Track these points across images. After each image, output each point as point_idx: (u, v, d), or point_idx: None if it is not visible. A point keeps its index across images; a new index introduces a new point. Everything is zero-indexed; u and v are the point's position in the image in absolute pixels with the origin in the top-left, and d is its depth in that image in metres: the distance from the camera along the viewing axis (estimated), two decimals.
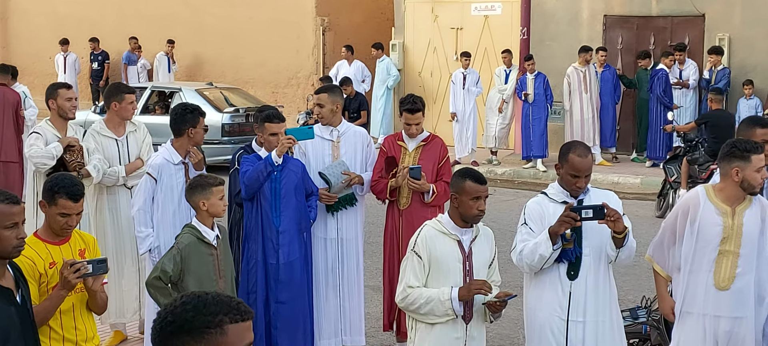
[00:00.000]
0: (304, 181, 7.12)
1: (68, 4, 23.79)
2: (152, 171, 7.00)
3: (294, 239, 7.00)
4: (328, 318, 7.50)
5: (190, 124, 7.05)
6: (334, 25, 21.57)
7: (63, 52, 22.70)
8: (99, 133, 7.79)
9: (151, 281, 5.99)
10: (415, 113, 7.43)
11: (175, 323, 2.61)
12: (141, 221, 7.01)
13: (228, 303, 2.63)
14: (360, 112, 17.55)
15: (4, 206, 4.14)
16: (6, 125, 12.89)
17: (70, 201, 4.90)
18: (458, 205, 5.26)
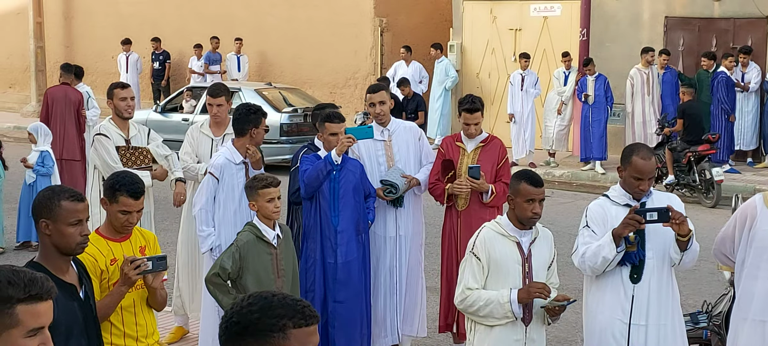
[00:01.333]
0: (363, 182, 7.13)
1: (131, 5, 24.11)
2: (214, 171, 7.07)
3: (352, 239, 7.03)
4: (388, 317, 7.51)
5: (253, 124, 7.13)
6: (392, 26, 21.59)
7: (125, 52, 23.02)
8: (199, 131, 7.96)
9: (210, 277, 6.05)
10: (474, 113, 7.41)
11: (239, 324, 2.60)
12: (203, 220, 7.07)
13: (293, 306, 2.61)
14: (417, 112, 17.54)
15: (69, 203, 4.19)
16: (68, 124, 13.12)
17: (131, 199, 4.95)
18: (514, 206, 5.24)
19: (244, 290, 5.98)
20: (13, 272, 2.86)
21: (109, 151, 7.82)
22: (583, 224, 5.48)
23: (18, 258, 10.95)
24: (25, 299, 2.83)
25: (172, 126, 17.61)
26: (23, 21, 24.91)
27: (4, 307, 2.81)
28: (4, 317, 2.81)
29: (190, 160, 7.94)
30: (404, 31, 21.45)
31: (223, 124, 8.00)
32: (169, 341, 8.07)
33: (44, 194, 4.25)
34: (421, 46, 20.61)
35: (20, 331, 2.81)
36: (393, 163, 7.50)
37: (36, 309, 2.85)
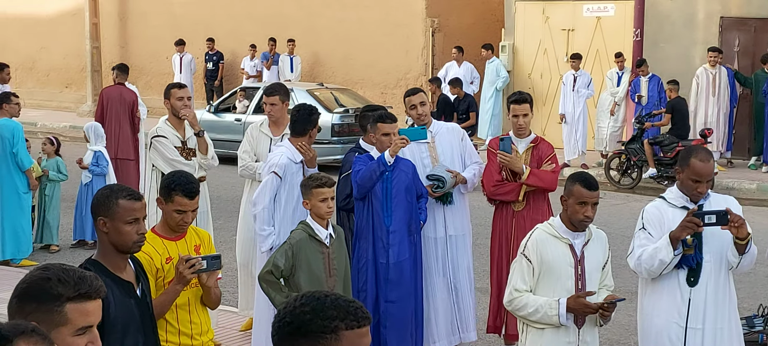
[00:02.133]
0: (415, 182, 7.14)
1: (184, 6, 24.35)
2: (278, 170, 7.12)
3: (404, 239, 7.04)
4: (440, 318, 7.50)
5: (313, 125, 7.19)
6: (443, 26, 21.57)
7: (179, 53, 23.26)
8: (259, 130, 8.04)
9: (262, 275, 6.10)
10: (522, 104, 7.37)
11: (292, 324, 2.60)
12: (264, 220, 7.11)
13: (346, 308, 2.60)
14: (469, 113, 17.50)
15: (126, 202, 4.24)
16: (123, 123, 13.30)
17: (186, 198, 4.99)
18: (566, 207, 5.21)
19: (297, 288, 6.02)
20: (63, 270, 2.90)
21: (169, 149, 7.91)
22: (639, 226, 5.43)
23: (73, 256, 11.12)
24: (75, 297, 2.86)
25: (225, 126, 17.77)
26: (79, 22, 25.28)
27: (54, 305, 2.85)
28: (54, 315, 2.84)
29: (248, 158, 8.01)
30: (456, 32, 21.42)
31: (280, 124, 8.04)
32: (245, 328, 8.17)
33: (102, 193, 4.31)
34: (472, 46, 20.56)
35: (69, 329, 2.84)
36: (438, 163, 7.49)
37: (85, 308, 2.88)
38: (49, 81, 26.31)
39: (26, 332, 2.45)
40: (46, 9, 26.15)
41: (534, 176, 7.32)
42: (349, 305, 2.61)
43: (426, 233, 7.42)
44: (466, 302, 7.57)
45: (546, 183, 7.35)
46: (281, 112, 8.05)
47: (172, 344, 5.00)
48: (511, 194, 7.41)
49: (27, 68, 26.86)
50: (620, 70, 17.68)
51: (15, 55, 26.76)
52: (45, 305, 2.85)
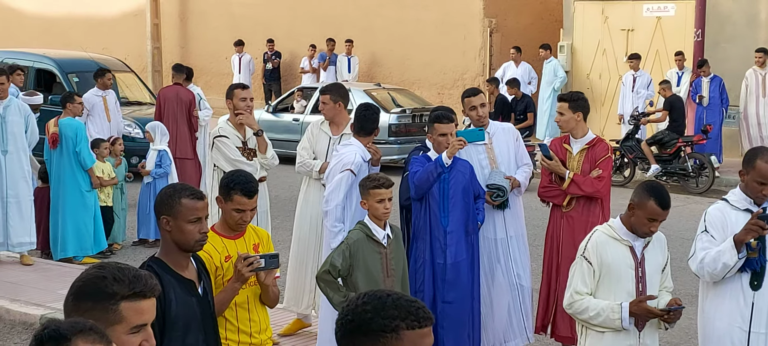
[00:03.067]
0: (472, 182, 7.14)
1: (244, 6, 24.57)
2: (355, 168, 7.16)
3: (461, 240, 7.03)
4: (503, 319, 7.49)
5: (377, 125, 7.24)
6: (501, 27, 21.49)
7: (238, 53, 23.47)
8: (319, 128, 8.09)
9: (320, 274, 6.14)
10: (560, 102, 7.38)
11: (353, 322, 2.61)
12: (337, 217, 7.13)
13: (407, 308, 2.59)
14: (526, 113, 17.43)
15: (189, 201, 4.28)
16: (180, 123, 13.46)
17: (245, 197, 5.02)
18: (633, 215, 5.14)
19: (354, 288, 6.06)
20: (119, 269, 2.93)
21: (231, 149, 7.99)
22: (701, 229, 5.36)
23: (133, 254, 11.29)
24: (129, 296, 2.88)
25: (283, 126, 17.89)
26: (141, 22, 25.64)
27: (109, 303, 2.87)
28: (109, 313, 2.86)
29: (306, 155, 8.06)
30: (513, 32, 21.33)
31: (336, 123, 8.05)
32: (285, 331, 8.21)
33: (166, 192, 4.37)
34: (530, 46, 20.47)
35: (124, 327, 2.86)
36: (495, 165, 7.48)
37: (139, 306, 2.89)
38: None
39: (84, 330, 2.47)
40: (110, 10, 26.57)
41: (574, 185, 7.26)
42: (411, 304, 2.61)
43: (487, 235, 7.41)
44: (527, 303, 7.55)
45: (587, 191, 7.27)
46: (332, 111, 8.03)
47: (231, 342, 5.05)
48: (558, 199, 7.40)
49: None
50: (680, 69, 17.47)
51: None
52: (100, 304, 2.87)
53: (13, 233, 10.32)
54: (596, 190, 7.27)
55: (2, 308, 8.95)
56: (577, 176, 7.26)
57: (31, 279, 9.92)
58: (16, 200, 10.32)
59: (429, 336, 2.62)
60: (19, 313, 8.84)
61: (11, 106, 10.29)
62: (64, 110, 10.89)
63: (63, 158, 10.67)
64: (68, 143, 10.63)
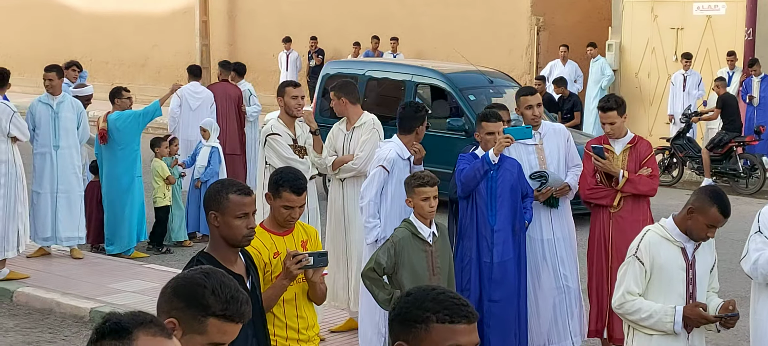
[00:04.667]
0: (520, 181, 7.12)
1: (292, 4, 24.68)
2: (386, 164, 7.22)
3: (508, 239, 7.02)
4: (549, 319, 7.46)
5: (420, 122, 7.26)
6: (549, 25, 21.37)
7: (286, 50, 23.59)
8: (337, 127, 8.21)
9: (365, 272, 6.17)
10: (607, 112, 7.29)
11: (395, 311, 2.72)
12: (370, 213, 7.21)
13: (444, 302, 2.63)
14: (573, 113, 17.32)
15: (237, 197, 4.32)
16: (229, 119, 13.58)
17: (294, 195, 5.04)
18: (691, 219, 5.07)
19: (400, 286, 6.07)
20: (222, 284, 2.90)
21: (284, 147, 8.06)
22: (754, 230, 5.30)
23: (182, 249, 11.40)
24: (220, 315, 2.87)
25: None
26: (190, 20, 25.86)
27: (199, 313, 2.87)
28: (195, 322, 2.87)
29: (326, 153, 8.17)
30: (561, 30, 21.20)
31: (350, 119, 8.14)
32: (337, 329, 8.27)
33: (214, 187, 4.42)
34: (577, 44, 20.33)
35: (203, 340, 2.87)
36: (545, 166, 7.46)
37: (225, 327, 2.89)
38: (160, 78, 26.97)
39: (145, 323, 2.48)
40: (159, 7, 26.83)
41: (630, 184, 7.21)
42: (450, 299, 2.65)
43: (534, 235, 7.38)
44: (574, 305, 7.51)
45: (643, 190, 7.23)
46: (338, 107, 8.14)
47: (279, 337, 5.08)
48: (607, 199, 7.34)
49: (139, 65, 27.61)
50: (731, 69, 17.26)
51: (128, 52, 27.55)
52: (191, 310, 2.88)
53: (61, 227, 10.46)
54: (651, 188, 7.25)
55: (53, 301, 9.09)
56: (632, 175, 7.21)
57: (82, 273, 10.06)
58: (66, 195, 10.47)
59: (464, 334, 2.63)
60: (70, 306, 8.97)
61: (65, 103, 10.44)
62: (113, 105, 11.04)
63: (113, 153, 10.80)
64: (118, 138, 10.76)
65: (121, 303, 8.92)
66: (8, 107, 9.60)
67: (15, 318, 8.85)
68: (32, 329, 8.55)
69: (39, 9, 29.11)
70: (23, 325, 8.67)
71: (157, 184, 11.35)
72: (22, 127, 9.63)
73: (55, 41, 28.34)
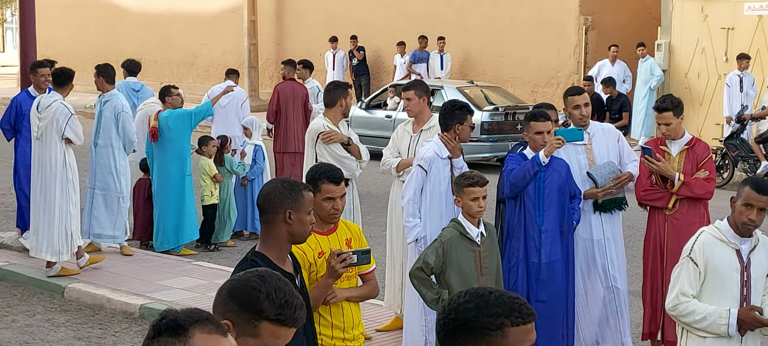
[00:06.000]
0: (568, 182, 7.09)
1: (339, 4, 24.76)
2: (424, 163, 7.22)
3: (556, 240, 6.99)
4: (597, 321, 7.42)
5: (458, 120, 7.21)
6: (597, 24, 21.23)
7: (332, 50, 23.69)
8: (403, 128, 8.18)
9: (413, 271, 6.17)
10: (662, 113, 7.22)
11: (457, 321, 2.61)
12: (409, 212, 7.22)
13: (510, 305, 2.60)
14: (621, 113, 17.20)
15: (309, 193, 4.38)
16: (294, 118, 13.71)
17: (332, 184, 5.06)
18: (733, 210, 5.07)
19: (447, 286, 6.08)
20: (276, 288, 2.91)
21: (338, 147, 8.10)
22: None
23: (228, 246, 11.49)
24: (274, 319, 2.88)
25: (376, 123, 17.99)
26: (238, 19, 26.05)
27: (253, 317, 2.88)
28: (249, 325, 2.88)
29: (389, 154, 8.15)
30: (609, 30, 21.05)
31: (419, 120, 8.11)
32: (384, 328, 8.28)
33: (286, 186, 4.37)
34: (626, 44, 20.18)
35: (257, 343, 2.88)
36: (594, 165, 7.41)
37: (278, 331, 2.90)
38: (208, 76, 27.20)
39: (201, 321, 2.49)
40: (208, 6, 27.06)
41: (686, 187, 7.14)
42: (514, 301, 2.62)
43: (583, 236, 7.34)
44: (623, 306, 7.46)
45: (699, 193, 7.16)
46: (418, 107, 8.09)
47: (325, 336, 5.10)
48: (662, 201, 7.27)
49: (188, 64, 27.87)
50: None
51: (177, 50, 27.82)
52: (245, 313, 2.89)
53: (96, 223, 10.59)
54: (707, 191, 7.17)
55: (103, 298, 9.21)
56: (688, 177, 7.15)
57: (131, 270, 10.18)
58: (102, 192, 10.58)
59: (532, 332, 2.62)
60: (120, 302, 9.09)
61: (109, 103, 10.58)
62: (164, 104, 11.15)
63: (164, 151, 10.92)
64: (169, 136, 10.88)
65: (170, 300, 9.01)
66: (67, 109, 9.71)
67: (66, 314, 8.99)
68: (83, 325, 8.67)
69: (90, 8, 29.50)
70: (74, 321, 8.80)
71: (205, 182, 11.45)
72: (77, 130, 9.73)
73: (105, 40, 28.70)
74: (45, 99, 9.77)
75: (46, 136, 9.65)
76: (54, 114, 9.60)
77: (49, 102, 9.69)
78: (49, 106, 9.65)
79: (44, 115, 9.65)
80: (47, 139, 9.64)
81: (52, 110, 9.61)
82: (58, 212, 9.61)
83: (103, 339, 8.35)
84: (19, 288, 9.73)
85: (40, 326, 8.62)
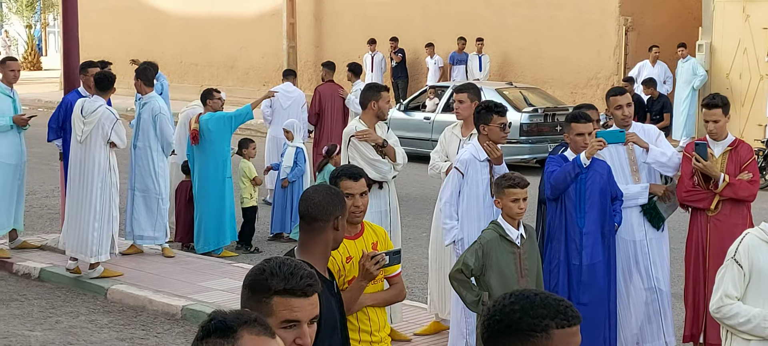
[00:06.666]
0: (610, 183, 7.05)
1: (378, 6, 24.80)
2: (460, 166, 7.21)
3: (597, 241, 6.95)
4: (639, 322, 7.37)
5: (482, 121, 7.17)
6: (637, 25, 21.08)
7: (371, 52, 23.73)
8: (451, 132, 8.16)
9: (453, 273, 6.18)
10: (712, 109, 7.15)
11: (502, 322, 2.62)
12: (447, 214, 7.22)
13: (556, 307, 2.61)
14: (662, 114, 17.07)
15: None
16: (335, 120, 13.77)
17: (351, 180, 5.08)
18: None
19: (487, 288, 6.08)
20: (281, 264, 2.99)
21: (369, 149, 8.11)
22: None
23: (269, 248, 11.56)
24: (281, 291, 2.94)
25: (414, 124, 17.98)
26: (277, 22, 26.18)
27: (263, 296, 2.95)
28: (262, 305, 2.93)
29: (437, 157, 8.13)
30: (650, 30, 20.90)
31: (469, 124, 8.08)
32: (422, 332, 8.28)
33: (333, 193, 4.40)
34: (666, 45, 20.02)
35: (274, 321, 2.89)
36: (636, 166, 7.37)
37: (290, 303, 2.94)
38: (248, 79, 27.36)
39: (249, 322, 2.52)
40: (248, 10, 27.21)
41: (730, 188, 7.08)
42: (559, 303, 2.62)
43: (625, 236, 7.30)
44: (666, 306, 7.41)
45: (742, 194, 7.10)
46: (469, 110, 8.05)
47: (353, 341, 5.07)
48: (704, 202, 7.21)
49: (228, 67, 28.05)
50: None
51: (217, 53, 28.01)
52: (255, 295, 2.96)
53: (136, 225, 10.70)
54: (751, 193, 7.11)
55: (146, 299, 9.31)
56: (732, 179, 7.09)
57: (173, 271, 10.28)
58: (142, 193, 10.69)
59: (577, 335, 2.62)
60: (162, 304, 9.17)
61: (148, 105, 10.70)
62: (205, 106, 11.24)
63: (205, 153, 11.01)
64: (210, 138, 10.97)
65: (211, 301, 9.08)
66: (112, 114, 9.81)
67: (109, 315, 9.09)
68: (125, 326, 8.77)
69: (131, 12, 29.79)
70: (117, 322, 8.89)
71: (244, 184, 11.53)
72: (121, 134, 9.82)
73: (147, 43, 28.96)
74: (89, 104, 9.89)
75: (89, 140, 9.76)
76: (99, 119, 9.71)
77: (93, 107, 9.80)
78: (94, 112, 9.76)
79: (89, 120, 9.77)
80: (91, 143, 9.75)
81: (97, 115, 9.72)
82: (98, 214, 9.72)
83: (146, 340, 8.43)
84: (63, 290, 9.86)
85: (84, 327, 8.73)
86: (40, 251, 11.01)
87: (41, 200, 14.26)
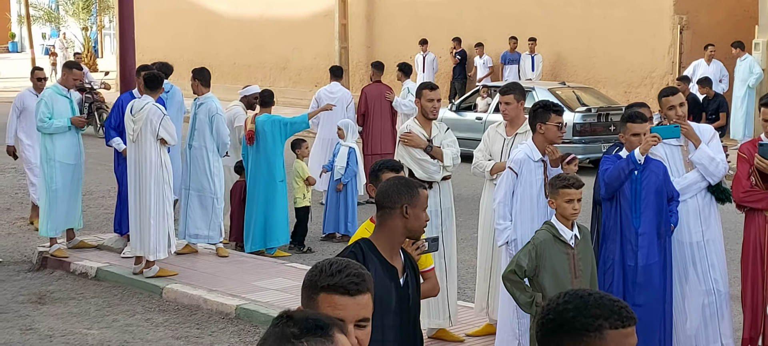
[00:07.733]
0: (666, 184, 6.97)
1: (429, 6, 24.79)
2: (514, 166, 7.18)
3: (653, 242, 6.88)
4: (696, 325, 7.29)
5: (540, 119, 7.11)
6: (692, 24, 20.83)
7: (422, 52, 23.73)
8: (495, 130, 8.15)
9: (506, 274, 6.16)
10: None
11: (555, 321, 2.63)
12: (500, 214, 7.18)
13: (610, 307, 2.60)
14: (718, 113, 16.85)
15: (424, 191, 4.68)
16: (384, 119, 13.78)
17: (392, 172, 5.44)
18: None
19: (541, 289, 6.05)
20: (333, 262, 3.01)
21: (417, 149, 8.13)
22: None
23: (321, 248, 11.61)
24: (326, 287, 2.96)
25: (466, 125, 17.94)
26: (329, 23, 26.29)
27: (312, 293, 2.98)
28: (311, 302, 2.96)
29: (481, 156, 8.11)
30: (705, 29, 20.64)
31: (515, 124, 8.05)
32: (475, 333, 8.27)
33: (402, 182, 4.70)
34: (721, 43, 19.76)
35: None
36: (691, 167, 7.29)
37: (333, 300, 2.95)
38: (300, 80, 27.52)
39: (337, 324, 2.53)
40: (300, 11, 27.37)
41: None
42: (614, 303, 2.61)
43: (681, 238, 7.20)
44: (724, 308, 7.31)
45: None
46: (515, 111, 8.02)
47: None
48: (762, 203, 7.10)
49: (280, 68, 28.23)
50: None
51: (270, 54, 28.21)
52: (306, 291, 3.01)
53: (191, 224, 10.81)
54: None
55: (200, 298, 9.40)
56: None
57: (227, 271, 10.36)
58: (197, 193, 10.80)
59: (633, 336, 2.61)
60: (216, 303, 9.25)
61: (204, 105, 10.81)
62: (261, 107, 11.32)
63: (259, 154, 11.09)
64: (265, 140, 11.05)
65: (265, 301, 9.15)
66: (159, 110, 9.92)
67: (164, 314, 9.19)
68: (181, 325, 8.86)
69: (186, 14, 30.12)
70: (172, 320, 8.99)
71: (297, 184, 11.59)
72: (171, 130, 9.92)
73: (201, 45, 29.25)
74: (137, 102, 10.02)
75: (141, 139, 9.87)
76: (147, 116, 9.82)
77: (141, 105, 9.93)
78: (142, 109, 9.88)
79: (138, 118, 9.89)
80: (142, 141, 9.86)
81: (145, 112, 9.83)
82: (153, 212, 9.83)
83: (201, 339, 8.51)
84: (120, 288, 9.99)
85: (140, 325, 8.84)
86: (96, 251, 11.17)
87: (98, 199, 14.47)
